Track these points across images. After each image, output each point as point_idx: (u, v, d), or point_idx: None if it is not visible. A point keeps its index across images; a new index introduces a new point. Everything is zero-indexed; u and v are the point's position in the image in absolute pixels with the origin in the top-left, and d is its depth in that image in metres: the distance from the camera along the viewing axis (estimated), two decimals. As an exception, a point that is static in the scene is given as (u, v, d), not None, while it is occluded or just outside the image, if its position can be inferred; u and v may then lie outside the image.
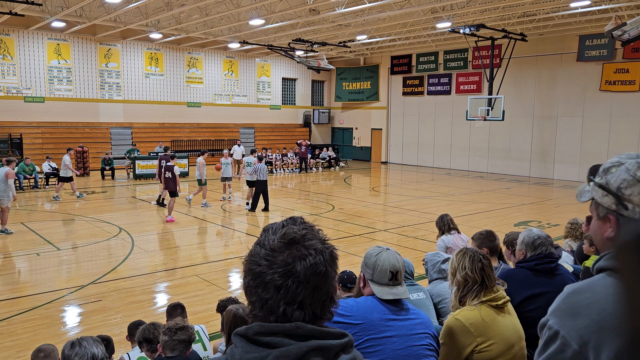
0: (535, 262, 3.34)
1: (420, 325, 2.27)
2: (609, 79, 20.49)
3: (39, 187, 17.93)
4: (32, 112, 21.96)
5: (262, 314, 1.12)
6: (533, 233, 3.44)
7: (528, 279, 3.30)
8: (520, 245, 3.48)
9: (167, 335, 3.31)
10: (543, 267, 3.32)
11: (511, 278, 3.29)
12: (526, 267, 3.36)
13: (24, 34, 21.47)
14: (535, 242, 3.38)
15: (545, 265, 3.32)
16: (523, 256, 3.45)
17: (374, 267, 2.32)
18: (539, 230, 3.50)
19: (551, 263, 3.34)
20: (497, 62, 21.51)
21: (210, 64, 27.17)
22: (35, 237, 10.85)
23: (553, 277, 3.33)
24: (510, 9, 17.68)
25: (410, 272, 3.68)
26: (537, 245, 3.37)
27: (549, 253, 3.37)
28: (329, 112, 32.30)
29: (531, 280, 3.30)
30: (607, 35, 16.24)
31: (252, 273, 1.14)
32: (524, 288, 3.23)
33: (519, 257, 3.50)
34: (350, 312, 2.17)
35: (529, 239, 3.41)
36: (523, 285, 3.24)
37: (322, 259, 1.13)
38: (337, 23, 20.21)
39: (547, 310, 1.23)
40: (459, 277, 2.73)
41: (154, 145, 23.49)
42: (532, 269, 3.33)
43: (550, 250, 3.39)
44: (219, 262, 9.28)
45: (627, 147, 20.20)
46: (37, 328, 6.18)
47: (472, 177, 23.10)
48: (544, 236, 3.42)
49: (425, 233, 11.54)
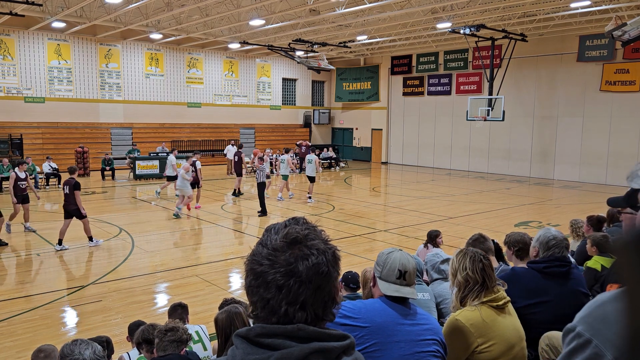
0: (544, 265, 3.23)
1: (429, 331, 2.24)
2: (609, 79, 20.49)
3: (39, 187, 17.93)
4: (32, 112, 21.96)
5: (263, 314, 1.12)
6: (550, 233, 3.33)
7: (535, 283, 3.19)
8: (535, 243, 3.38)
9: (158, 337, 3.38)
10: (552, 271, 3.20)
11: (517, 280, 3.20)
12: (535, 268, 3.25)
13: (24, 34, 21.48)
14: (550, 243, 3.27)
15: (555, 269, 3.21)
16: (535, 254, 3.36)
17: (384, 264, 2.32)
18: (557, 232, 3.38)
19: (562, 267, 3.22)
20: (497, 63, 21.52)
21: (210, 65, 27.17)
22: (35, 237, 10.86)
23: (564, 281, 3.20)
24: (510, 9, 17.68)
25: (420, 271, 3.68)
26: (551, 246, 3.27)
27: (562, 256, 3.25)
28: (329, 113, 32.31)
29: (538, 284, 3.19)
30: (608, 36, 16.24)
31: (253, 272, 1.13)
32: (530, 293, 3.13)
33: (532, 255, 3.41)
34: (357, 314, 2.14)
35: (544, 238, 3.31)
36: (529, 289, 3.15)
37: (324, 259, 1.13)
38: (337, 23, 20.21)
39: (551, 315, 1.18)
40: (460, 278, 2.73)
41: (155, 146, 23.51)
42: (540, 271, 3.22)
43: (563, 253, 3.27)
44: (219, 263, 9.27)
45: (627, 147, 20.21)
46: (37, 328, 6.18)
47: (472, 178, 23.10)
48: (560, 238, 3.30)
49: (426, 233, 11.53)
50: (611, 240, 4.49)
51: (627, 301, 0.85)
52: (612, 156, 20.71)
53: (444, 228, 12.09)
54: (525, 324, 2.83)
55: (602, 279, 4.18)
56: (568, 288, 3.22)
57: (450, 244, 10.27)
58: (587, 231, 5.70)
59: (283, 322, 1.09)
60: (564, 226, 9.50)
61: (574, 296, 3.19)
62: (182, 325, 3.52)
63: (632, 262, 0.85)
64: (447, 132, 26.60)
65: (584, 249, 4.93)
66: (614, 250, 2.98)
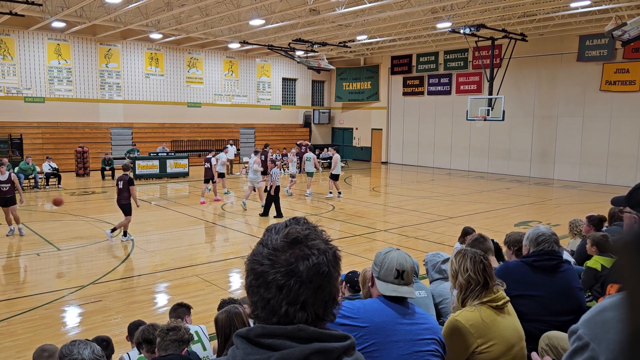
0: (533, 259, 3.37)
1: (428, 331, 2.24)
2: (609, 79, 20.49)
3: (39, 187, 17.93)
4: (32, 112, 21.96)
5: (264, 315, 1.11)
6: (539, 230, 3.47)
7: (525, 275, 3.31)
8: (525, 241, 3.53)
9: (159, 337, 3.38)
10: (541, 264, 3.33)
11: (507, 273, 3.33)
12: (525, 262, 3.39)
13: (24, 34, 21.48)
14: (539, 239, 3.41)
15: (544, 263, 3.34)
16: (527, 252, 3.49)
17: (382, 264, 2.32)
18: (546, 228, 3.51)
19: (551, 260, 3.35)
20: (497, 62, 21.52)
21: (210, 64, 27.17)
22: (35, 237, 10.85)
23: (554, 274, 3.32)
24: (510, 9, 17.68)
25: (415, 271, 3.68)
26: (540, 242, 3.40)
27: (551, 250, 3.38)
28: (329, 112, 32.31)
29: (528, 276, 3.30)
30: (607, 35, 16.24)
31: (254, 272, 1.13)
32: (518, 284, 3.24)
33: (525, 253, 3.54)
34: (356, 314, 2.14)
35: (533, 235, 3.45)
36: (517, 281, 3.26)
37: (325, 259, 1.13)
38: (337, 23, 20.21)
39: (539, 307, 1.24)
40: (462, 280, 2.72)
41: (155, 146, 23.52)
42: (530, 264, 3.36)
43: (553, 247, 3.39)
44: (219, 263, 9.27)
45: (627, 147, 20.21)
46: (37, 328, 6.18)
47: (472, 177, 23.10)
48: (549, 233, 3.44)
49: (426, 233, 11.55)
50: (611, 240, 4.49)
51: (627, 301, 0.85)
52: (612, 156, 20.71)
53: (444, 228, 12.10)
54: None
55: (602, 279, 4.17)
56: (557, 281, 3.34)
57: (451, 244, 10.27)
58: (587, 231, 5.69)
59: (284, 323, 1.09)
60: (563, 226, 9.50)
61: (563, 290, 3.32)
62: (184, 325, 3.52)
63: (633, 262, 0.85)
64: (447, 132, 26.60)
65: (583, 249, 4.93)
66: (614, 250, 2.99)
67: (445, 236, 11.21)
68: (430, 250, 6.77)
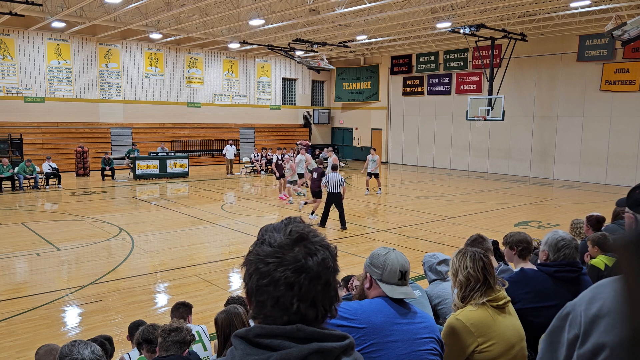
0: (555, 269, 3.23)
1: (425, 330, 2.23)
2: (609, 79, 20.49)
3: (39, 187, 17.93)
4: (32, 112, 21.96)
5: (273, 313, 1.11)
6: (558, 235, 3.33)
7: (545, 286, 3.20)
8: (544, 246, 3.38)
9: (161, 337, 3.37)
10: (563, 276, 3.20)
11: (527, 281, 3.23)
12: (545, 271, 3.26)
13: (24, 34, 21.47)
14: (559, 244, 3.27)
15: (566, 274, 3.21)
16: (546, 257, 3.36)
17: (384, 266, 2.28)
18: (565, 233, 3.38)
19: (572, 272, 3.23)
20: (497, 62, 21.52)
21: (210, 64, 27.17)
22: (35, 237, 10.85)
23: (573, 287, 3.17)
24: (510, 9, 17.68)
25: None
26: (560, 248, 3.26)
27: (573, 262, 3.25)
28: (329, 112, 32.31)
29: (548, 287, 3.19)
30: (607, 35, 16.24)
31: (259, 272, 1.12)
32: (538, 295, 3.14)
33: (542, 258, 3.41)
34: (354, 315, 2.12)
35: (552, 240, 3.30)
36: (538, 292, 3.16)
37: (329, 254, 1.15)
38: (337, 23, 20.21)
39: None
40: (462, 278, 2.72)
41: (155, 146, 23.53)
42: (551, 274, 3.23)
43: (573, 256, 3.27)
44: (219, 262, 9.27)
45: (627, 147, 20.21)
46: (37, 328, 6.18)
47: (472, 177, 23.10)
48: (569, 239, 3.30)
49: (426, 233, 11.55)
50: (612, 240, 4.48)
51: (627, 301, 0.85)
52: (612, 156, 20.71)
53: (444, 228, 12.10)
54: (527, 326, 2.83)
55: (603, 278, 4.16)
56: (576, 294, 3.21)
57: (450, 244, 10.28)
58: (586, 231, 5.69)
59: (294, 320, 1.09)
60: (563, 226, 9.51)
61: None
62: (186, 325, 3.52)
63: (633, 262, 0.84)
64: (447, 132, 26.60)
65: (584, 250, 4.92)
66: (614, 249, 2.98)
67: (445, 236, 11.22)
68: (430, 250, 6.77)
